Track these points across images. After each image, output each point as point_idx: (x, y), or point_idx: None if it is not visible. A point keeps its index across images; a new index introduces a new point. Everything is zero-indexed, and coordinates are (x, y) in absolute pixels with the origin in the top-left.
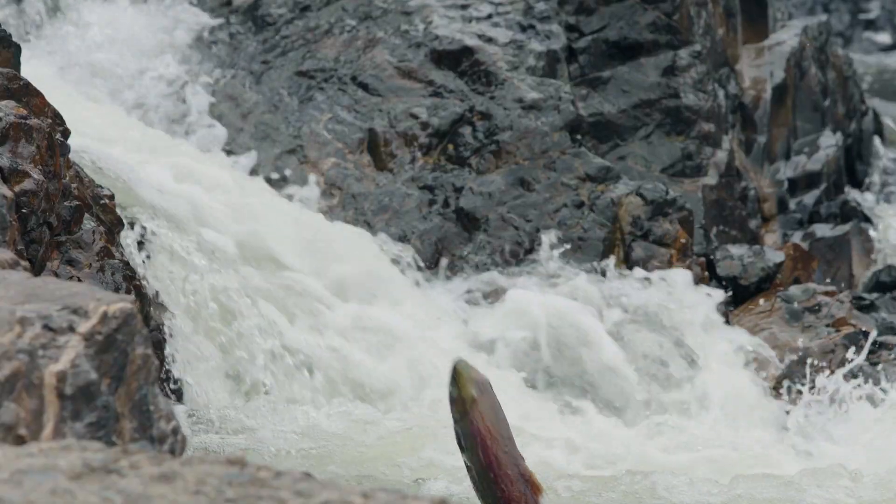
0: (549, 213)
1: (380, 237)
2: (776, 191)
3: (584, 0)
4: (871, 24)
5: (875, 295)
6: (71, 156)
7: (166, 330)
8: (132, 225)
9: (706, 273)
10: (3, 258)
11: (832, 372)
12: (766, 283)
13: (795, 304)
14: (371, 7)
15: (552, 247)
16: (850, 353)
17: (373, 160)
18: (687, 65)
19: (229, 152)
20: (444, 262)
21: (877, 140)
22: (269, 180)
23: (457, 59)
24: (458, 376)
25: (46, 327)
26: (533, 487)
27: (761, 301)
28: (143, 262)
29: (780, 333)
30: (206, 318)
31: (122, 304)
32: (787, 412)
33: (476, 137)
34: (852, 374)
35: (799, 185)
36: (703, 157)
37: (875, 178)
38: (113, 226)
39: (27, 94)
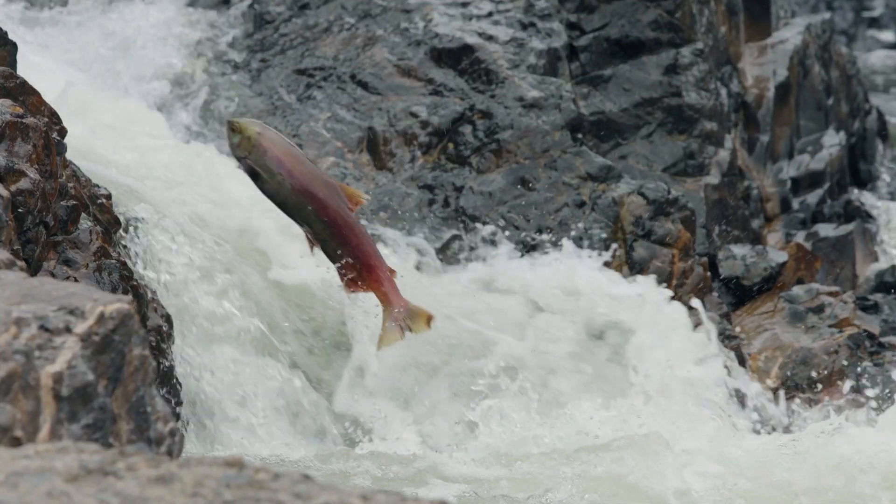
0: (549, 212)
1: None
2: (779, 190)
3: None
4: (874, 22)
5: (879, 295)
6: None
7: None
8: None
9: (708, 273)
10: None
11: (835, 372)
12: (769, 283)
13: (798, 305)
14: (370, 5)
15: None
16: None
17: (372, 159)
18: (689, 63)
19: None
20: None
21: (880, 139)
22: None
23: (457, 58)
24: (236, 124)
25: (43, 328)
26: (349, 197)
27: (764, 301)
28: (141, 260)
29: (783, 334)
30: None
31: (119, 304)
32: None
33: (476, 136)
34: (855, 377)
35: (802, 184)
36: (706, 156)
37: (878, 176)
38: (110, 225)
39: (24, 93)
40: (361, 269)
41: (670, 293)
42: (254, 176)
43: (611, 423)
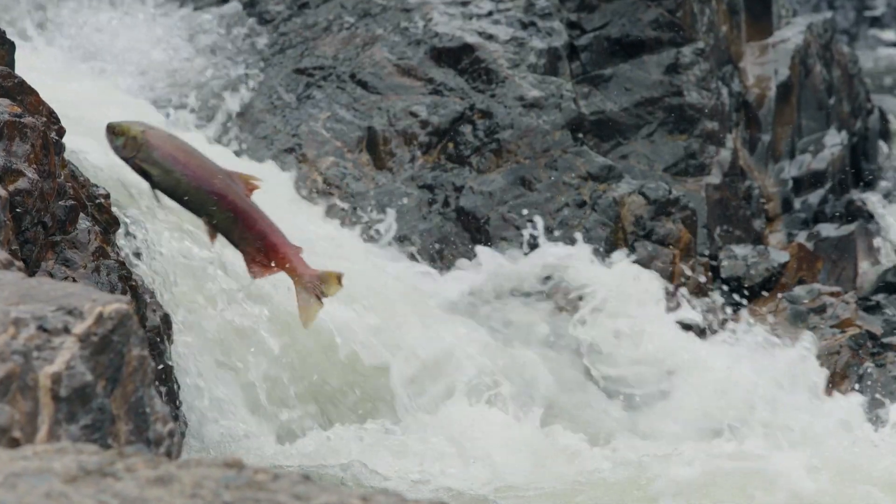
0: (550, 212)
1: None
2: (780, 190)
3: None
4: (876, 21)
5: (881, 295)
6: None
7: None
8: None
9: (710, 274)
10: None
11: (836, 373)
12: (771, 283)
13: (800, 305)
14: (370, 4)
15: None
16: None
17: (372, 159)
18: (690, 62)
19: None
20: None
21: (882, 138)
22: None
23: (457, 57)
24: (117, 127)
25: (41, 328)
26: (247, 185)
27: (765, 302)
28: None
29: (785, 335)
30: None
31: (117, 304)
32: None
33: (476, 136)
34: (857, 377)
35: (804, 184)
36: (707, 155)
37: (881, 176)
38: (108, 225)
39: (21, 92)
40: (268, 251)
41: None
42: (147, 175)
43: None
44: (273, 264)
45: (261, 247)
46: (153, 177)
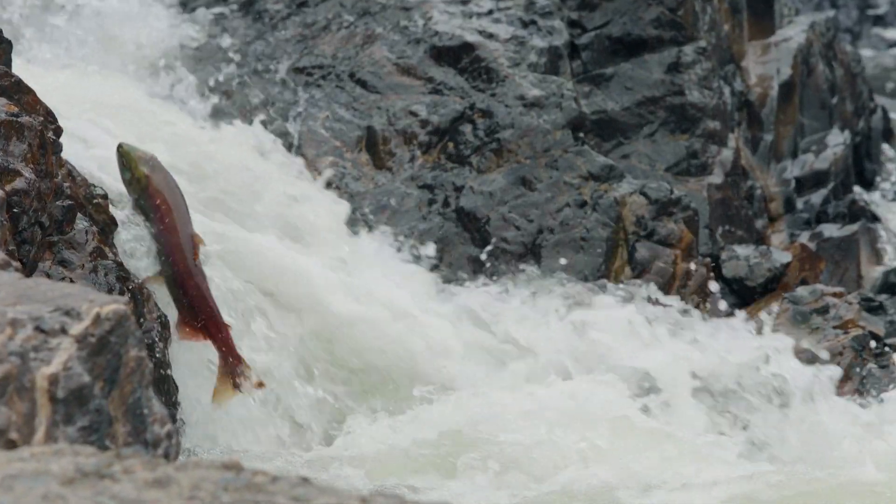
0: (550, 212)
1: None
2: (783, 190)
3: None
4: (879, 20)
5: (884, 296)
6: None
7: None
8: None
9: (711, 274)
10: None
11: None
12: (773, 284)
13: (802, 306)
14: (370, 2)
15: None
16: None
17: (371, 159)
18: (692, 61)
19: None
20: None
21: (885, 138)
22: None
23: (457, 56)
24: (128, 159)
25: (38, 329)
26: (195, 248)
27: (767, 302)
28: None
29: (787, 335)
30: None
31: (115, 305)
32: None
33: (477, 136)
34: (860, 378)
35: (806, 184)
36: (709, 155)
37: (884, 176)
38: (106, 226)
39: (19, 92)
40: (199, 320)
41: None
42: (142, 213)
43: None
44: (201, 335)
45: (193, 313)
46: (145, 215)
